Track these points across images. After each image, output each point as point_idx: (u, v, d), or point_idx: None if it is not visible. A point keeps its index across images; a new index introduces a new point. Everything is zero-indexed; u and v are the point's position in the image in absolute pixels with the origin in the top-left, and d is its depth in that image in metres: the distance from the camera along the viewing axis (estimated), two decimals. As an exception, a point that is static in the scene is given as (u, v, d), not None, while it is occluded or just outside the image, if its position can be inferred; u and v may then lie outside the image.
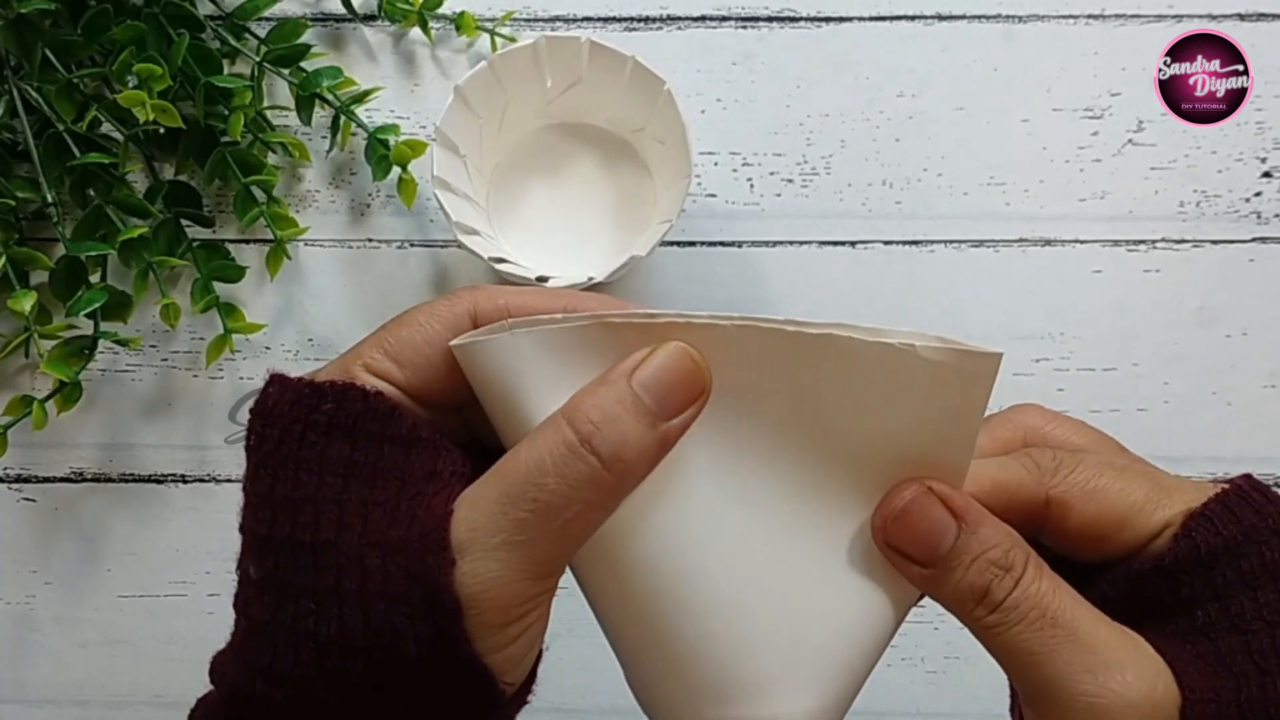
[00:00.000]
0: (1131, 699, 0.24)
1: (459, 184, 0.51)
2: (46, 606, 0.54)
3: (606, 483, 0.25)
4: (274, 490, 0.26)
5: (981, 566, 0.25)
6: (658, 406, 0.25)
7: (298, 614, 0.25)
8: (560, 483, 0.24)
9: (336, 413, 0.26)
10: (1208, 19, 0.57)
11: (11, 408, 0.50)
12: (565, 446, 0.25)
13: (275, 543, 0.25)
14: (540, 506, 0.24)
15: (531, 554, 0.25)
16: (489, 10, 0.57)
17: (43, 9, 0.49)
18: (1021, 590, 0.25)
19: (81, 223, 0.51)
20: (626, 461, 0.25)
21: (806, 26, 0.58)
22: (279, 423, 0.26)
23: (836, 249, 0.56)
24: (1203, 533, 0.26)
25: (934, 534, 0.26)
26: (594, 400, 0.25)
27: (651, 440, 0.25)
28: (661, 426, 0.25)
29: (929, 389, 0.26)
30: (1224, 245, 0.55)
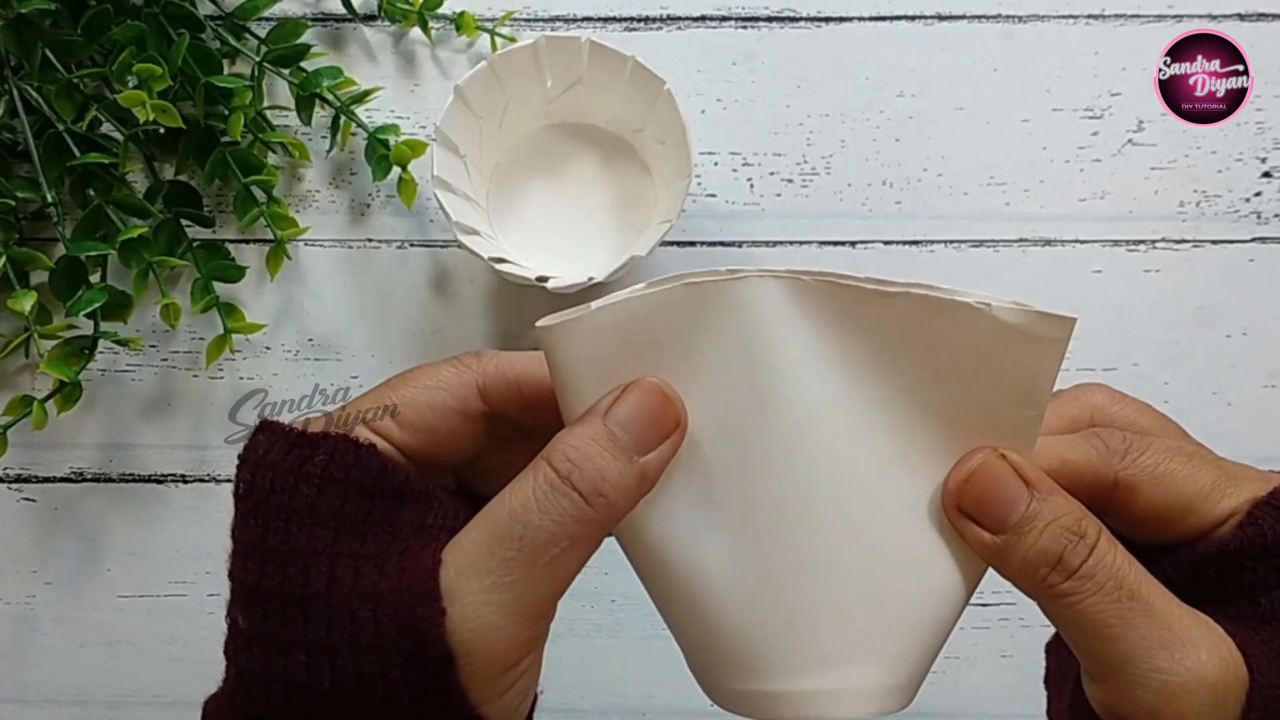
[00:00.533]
0: (1205, 678, 0.24)
1: (459, 184, 0.51)
2: (46, 606, 0.54)
3: (590, 517, 0.25)
4: (264, 541, 0.26)
5: (1055, 532, 0.25)
6: (634, 442, 0.26)
7: (288, 666, 0.25)
8: (544, 519, 0.25)
9: (329, 465, 0.26)
10: (1208, 19, 0.57)
11: (11, 408, 0.50)
12: (547, 484, 0.25)
13: (264, 594, 0.25)
14: (527, 545, 0.25)
15: (521, 595, 0.25)
16: (489, 10, 0.57)
17: (43, 9, 0.49)
18: (1096, 558, 0.25)
19: (81, 223, 0.51)
20: (607, 496, 0.25)
21: (806, 26, 0.58)
22: (270, 472, 0.26)
23: (836, 249, 0.56)
24: (1270, 520, 0.26)
25: (1005, 500, 0.26)
26: (571, 439, 0.26)
27: (630, 475, 0.26)
28: (639, 461, 0.26)
29: (1003, 350, 0.26)
30: (1224, 245, 0.55)
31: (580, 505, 0.25)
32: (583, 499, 0.25)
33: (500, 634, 0.25)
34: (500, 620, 0.25)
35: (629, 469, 0.25)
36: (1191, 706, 0.24)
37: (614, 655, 0.53)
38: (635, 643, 0.53)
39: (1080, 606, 0.25)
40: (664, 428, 0.26)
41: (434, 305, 0.55)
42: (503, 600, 0.25)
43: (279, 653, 0.25)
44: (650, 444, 0.26)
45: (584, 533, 0.25)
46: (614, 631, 0.53)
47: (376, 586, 0.25)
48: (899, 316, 0.26)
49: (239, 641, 0.26)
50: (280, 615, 0.25)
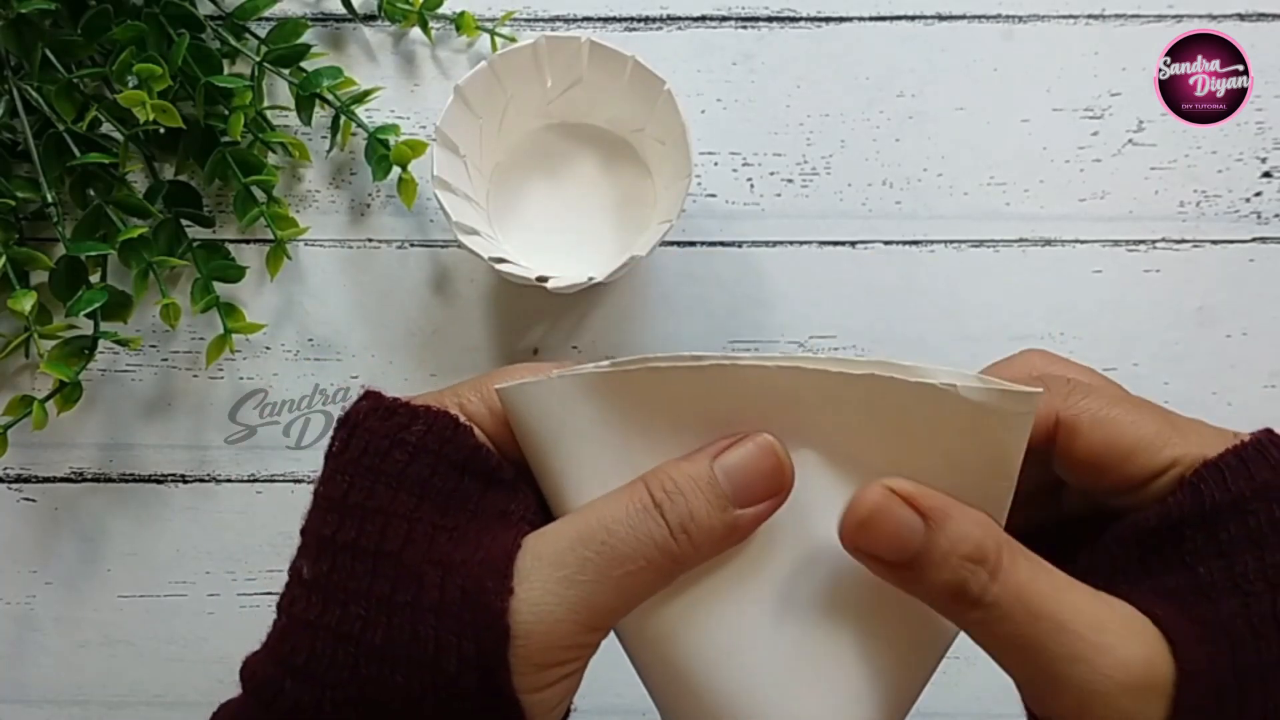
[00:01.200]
0: (1124, 681, 0.24)
1: (459, 184, 0.51)
2: (46, 606, 0.54)
3: (670, 549, 0.26)
4: (347, 497, 0.26)
5: (954, 565, 0.25)
6: (733, 493, 0.26)
7: (344, 617, 0.25)
8: (630, 535, 0.25)
9: (425, 435, 0.27)
10: (1208, 19, 0.57)
11: (11, 408, 0.50)
12: (640, 505, 0.26)
13: (337, 545, 0.26)
14: (607, 551, 0.25)
15: (589, 596, 0.25)
16: (489, 10, 0.57)
17: (43, 9, 0.49)
18: (1000, 585, 0.25)
19: (81, 223, 0.51)
20: (691, 535, 0.26)
21: (806, 26, 0.58)
22: (366, 434, 0.27)
23: (836, 249, 0.56)
24: (1210, 485, 0.25)
25: (901, 535, 0.25)
26: (675, 471, 0.26)
27: (719, 523, 0.26)
28: (733, 513, 0.26)
29: (970, 428, 0.26)
30: (1224, 245, 0.55)
31: (664, 534, 0.25)
32: (668, 530, 0.25)
33: (560, 626, 0.25)
34: (563, 613, 0.25)
35: (719, 517, 0.26)
36: (1114, 708, 0.24)
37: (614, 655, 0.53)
38: (635, 643, 0.53)
39: (991, 633, 0.25)
40: (768, 489, 0.26)
41: (434, 305, 0.55)
42: (571, 596, 0.25)
43: (338, 602, 0.25)
44: (750, 499, 0.26)
45: (661, 561, 0.26)
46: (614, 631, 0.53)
47: (450, 556, 0.25)
48: (865, 397, 0.26)
49: (297, 591, 0.26)
50: (349, 567, 0.25)
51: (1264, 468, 0.25)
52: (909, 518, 0.25)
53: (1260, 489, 0.25)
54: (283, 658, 0.26)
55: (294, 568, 0.27)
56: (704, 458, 0.26)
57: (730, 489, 0.26)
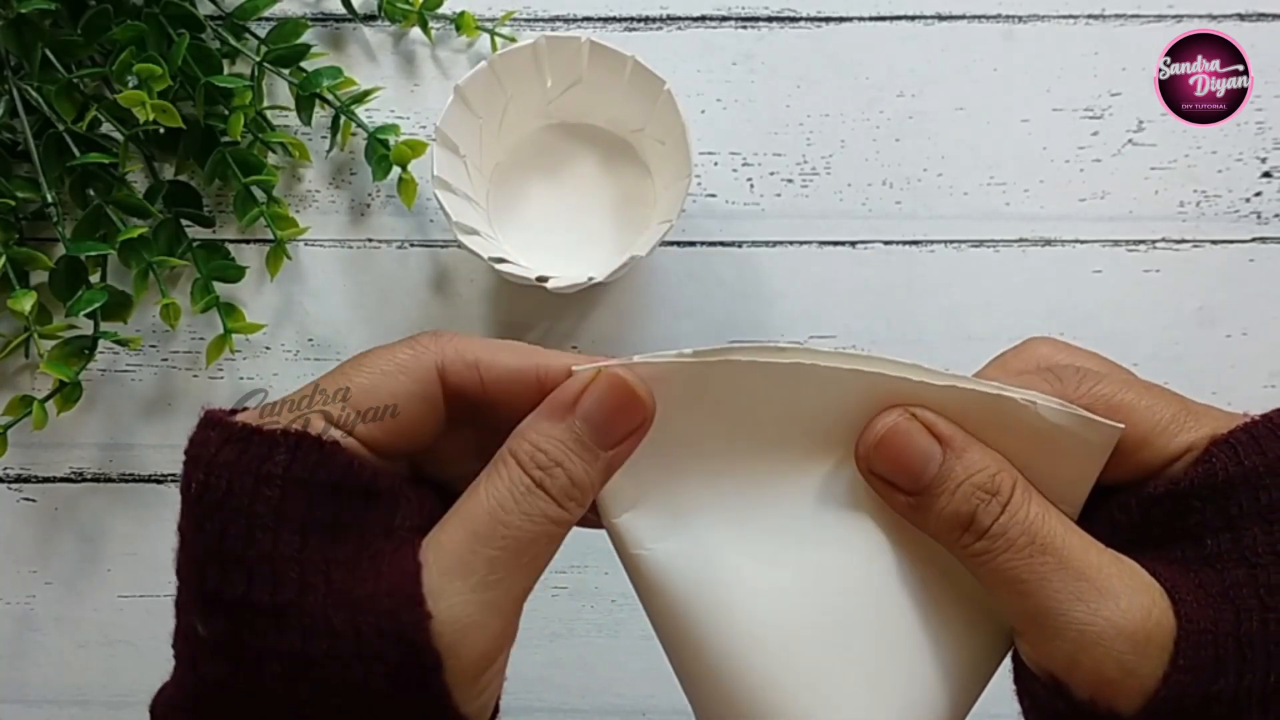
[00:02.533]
0: (1123, 627, 0.24)
1: (459, 184, 0.51)
2: (46, 606, 0.54)
3: (562, 518, 0.26)
4: (223, 546, 0.24)
5: (967, 492, 0.25)
6: (598, 439, 0.26)
7: (262, 676, 0.24)
8: (524, 520, 0.25)
9: (291, 464, 0.24)
10: (1208, 19, 0.57)
11: (11, 408, 0.50)
12: (524, 486, 0.25)
13: (227, 602, 0.24)
14: (510, 544, 0.25)
15: (505, 590, 0.25)
16: (489, 10, 0.57)
17: (43, 9, 0.49)
18: (1009, 516, 0.25)
19: (81, 223, 0.51)
20: (576, 499, 0.26)
21: (806, 26, 0.58)
22: (225, 472, 0.24)
23: (836, 249, 0.56)
24: (1223, 459, 0.25)
25: (917, 460, 0.25)
26: (540, 438, 0.26)
27: (596, 473, 0.26)
28: (604, 456, 0.26)
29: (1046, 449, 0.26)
30: (1224, 245, 0.55)
31: (554, 508, 0.25)
32: (556, 503, 0.25)
33: (486, 631, 0.25)
34: (485, 617, 0.25)
35: (594, 467, 0.26)
36: (1109, 655, 0.24)
37: (614, 655, 0.53)
38: (635, 643, 0.53)
39: (993, 565, 0.25)
40: (630, 422, 0.26)
41: (434, 305, 0.55)
42: (489, 598, 0.25)
43: (250, 663, 0.24)
44: (615, 438, 0.26)
45: (558, 531, 0.26)
46: (614, 631, 0.53)
47: (352, 593, 0.24)
48: (943, 406, 0.26)
49: (199, 649, 0.25)
50: (250, 624, 0.24)
51: (1275, 444, 0.25)
52: (927, 443, 0.25)
53: (1272, 464, 0.25)
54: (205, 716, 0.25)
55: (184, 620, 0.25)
56: (561, 412, 0.26)
57: (594, 437, 0.26)
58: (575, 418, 0.26)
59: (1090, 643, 0.24)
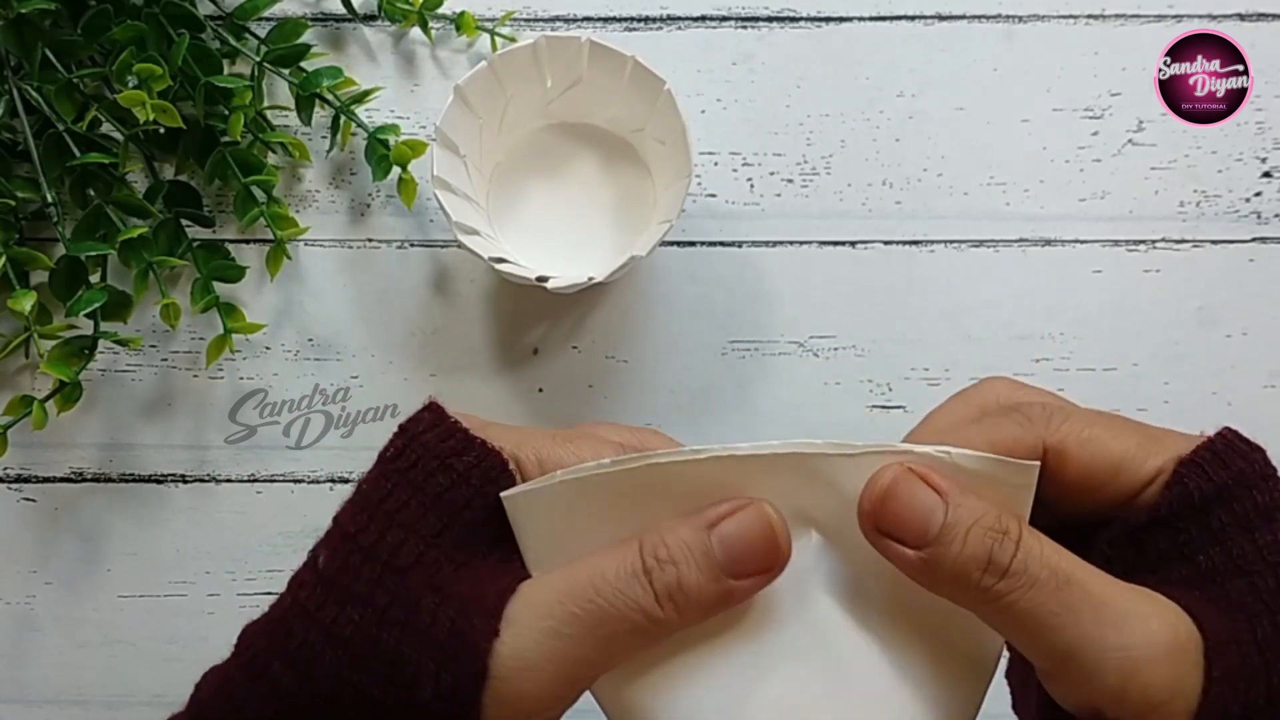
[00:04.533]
0: (1160, 646, 0.24)
1: (459, 184, 0.51)
2: (46, 606, 0.54)
3: (656, 616, 0.26)
4: (383, 502, 0.27)
5: (978, 534, 0.25)
6: (727, 563, 0.26)
7: (340, 618, 0.25)
8: (617, 597, 0.25)
9: (472, 468, 0.27)
10: (1208, 19, 0.57)
11: (11, 408, 0.50)
12: (630, 568, 0.26)
13: (355, 545, 0.26)
14: (594, 610, 0.25)
15: (571, 650, 0.25)
16: (489, 10, 0.57)
17: (43, 9, 0.49)
18: (1025, 551, 0.25)
19: (81, 223, 0.51)
20: (677, 604, 0.26)
21: (806, 26, 0.58)
22: (420, 448, 0.27)
23: (836, 249, 0.56)
24: (1194, 478, 0.26)
25: (922, 512, 0.25)
26: (670, 535, 0.26)
27: (710, 593, 0.26)
28: (726, 583, 0.26)
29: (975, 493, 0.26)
30: (1224, 245, 0.55)
31: (651, 601, 0.25)
32: (654, 597, 0.25)
33: (538, 675, 0.25)
34: (543, 663, 0.25)
35: (711, 587, 0.26)
36: (1156, 678, 0.24)
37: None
38: (635, 643, 0.53)
39: (1020, 604, 0.25)
40: (764, 562, 0.26)
41: (434, 305, 0.55)
42: (553, 647, 0.25)
43: (338, 601, 0.26)
44: (744, 571, 0.26)
45: (646, 625, 0.26)
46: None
47: (451, 586, 0.26)
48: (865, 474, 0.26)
49: (307, 576, 0.27)
50: (358, 569, 0.26)
51: (1236, 458, 0.26)
52: (927, 494, 0.26)
53: (1238, 477, 0.26)
54: (278, 640, 0.26)
55: (313, 552, 0.27)
56: (701, 523, 0.26)
57: (724, 559, 0.26)
58: (713, 534, 0.26)
59: (1135, 669, 0.24)
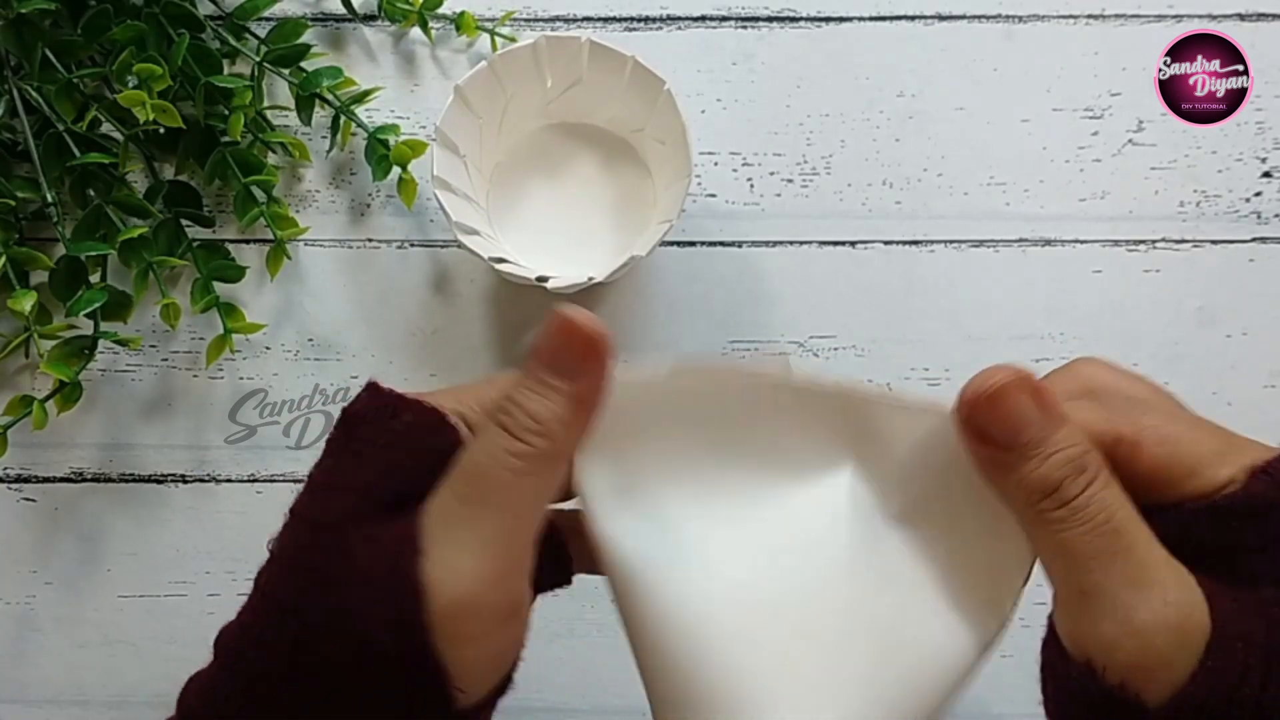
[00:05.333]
0: (1167, 620, 0.24)
1: (459, 184, 0.51)
2: (46, 606, 0.54)
3: (529, 452, 0.26)
4: (320, 476, 0.28)
5: (1058, 461, 0.26)
6: (554, 372, 0.27)
7: (290, 589, 0.26)
8: (487, 459, 0.26)
9: (411, 426, 0.28)
10: (1208, 19, 0.57)
11: (11, 408, 0.50)
12: (485, 429, 0.27)
13: (296, 519, 0.27)
14: (477, 483, 0.26)
15: (482, 531, 0.26)
16: (489, 10, 0.57)
17: (43, 9, 0.49)
18: (1091, 493, 0.25)
19: (81, 223, 0.51)
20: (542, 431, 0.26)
21: (806, 26, 0.58)
22: (357, 422, 0.28)
23: (836, 249, 0.56)
24: (1259, 484, 0.26)
25: (1019, 420, 0.26)
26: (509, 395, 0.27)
27: (561, 406, 0.27)
28: (567, 388, 0.27)
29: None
30: (1224, 245, 0.55)
31: (512, 441, 0.26)
32: (513, 436, 0.26)
33: (469, 570, 0.26)
34: (468, 559, 0.26)
35: (557, 399, 0.26)
36: (1151, 643, 0.24)
37: (614, 655, 0.53)
38: (635, 643, 0.53)
39: (1065, 535, 0.25)
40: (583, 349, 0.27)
41: (434, 305, 0.55)
42: (468, 538, 0.26)
43: (287, 573, 0.27)
44: (571, 370, 0.27)
45: (526, 466, 0.26)
46: (614, 631, 0.53)
47: (385, 531, 0.26)
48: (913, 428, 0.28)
49: (266, 564, 0.28)
50: (302, 541, 0.27)
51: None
52: (1030, 406, 0.26)
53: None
54: (245, 627, 0.27)
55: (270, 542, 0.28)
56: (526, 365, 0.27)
57: (549, 371, 0.27)
58: (532, 363, 0.27)
59: (1136, 629, 0.24)
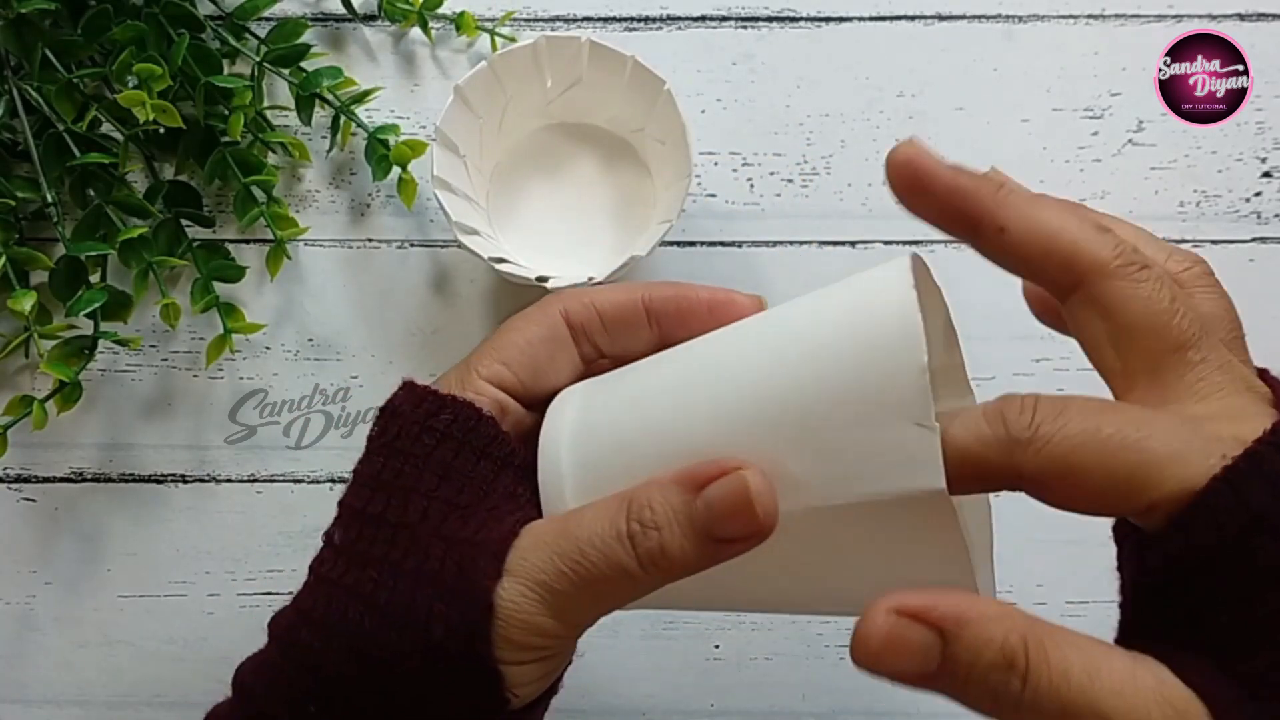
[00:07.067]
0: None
1: (459, 184, 0.51)
2: (46, 606, 0.54)
3: (638, 578, 0.27)
4: (380, 475, 0.29)
5: (980, 676, 0.22)
6: (712, 527, 0.26)
7: (360, 579, 0.28)
8: (601, 560, 0.26)
9: (452, 423, 0.29)
10: (1208, 19, 0.57)
11: (11, 408, 0.50)
12: (615, 531, 0.27)
13: (364, 517, 0.29)
14: (581, 571, 0.27)
15: (563, 604, 0.27)
16: (489, 10, 0.57)
17: (43, 9, 0.49)
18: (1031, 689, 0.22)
19: (81, 223, 0.51)
20: (660, 567, 0.26)
21: (806, 26, 0.58)
22: (400, 420, 0.30)
23: (836, 249, 0.56)
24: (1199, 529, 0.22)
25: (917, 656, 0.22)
26: (656, 497, 0.27)
27: (693, 556, 0.26)
28: (710, 546, 0.26)
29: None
30: (1224, 245, 0.55)
31: (634, 564, 0.26)
32: (637, 562, 0.26)
33: (537, 620, 0.27)
34: (540, 611, 0.27)
35: (694, 550, 0.26)
36: None
37: (614, 655, 0.53)
38: (635, 643, 0.53)
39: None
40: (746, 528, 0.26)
41: (434, 305, 0.55)
42: (548, 599, 0.27)
43: (357, 565, 0.28)
44: (726, 533, 0.26)
45: (630, 585, 0.27)
46: (614, 631, 0.53)
47: (456, 532, 0.28)
48: None
49: (326, 554, 0.29)
50: (372, 535, 0.28)
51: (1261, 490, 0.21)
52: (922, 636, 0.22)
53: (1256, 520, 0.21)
54: (304, 609, 0.28)
55: (327, 534, 0.29)
56: (688, 486, 0.26)
57: (709, 522, 0.26)
58: (699, 497, 0.26)
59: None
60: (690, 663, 0.52)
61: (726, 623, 0.53)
